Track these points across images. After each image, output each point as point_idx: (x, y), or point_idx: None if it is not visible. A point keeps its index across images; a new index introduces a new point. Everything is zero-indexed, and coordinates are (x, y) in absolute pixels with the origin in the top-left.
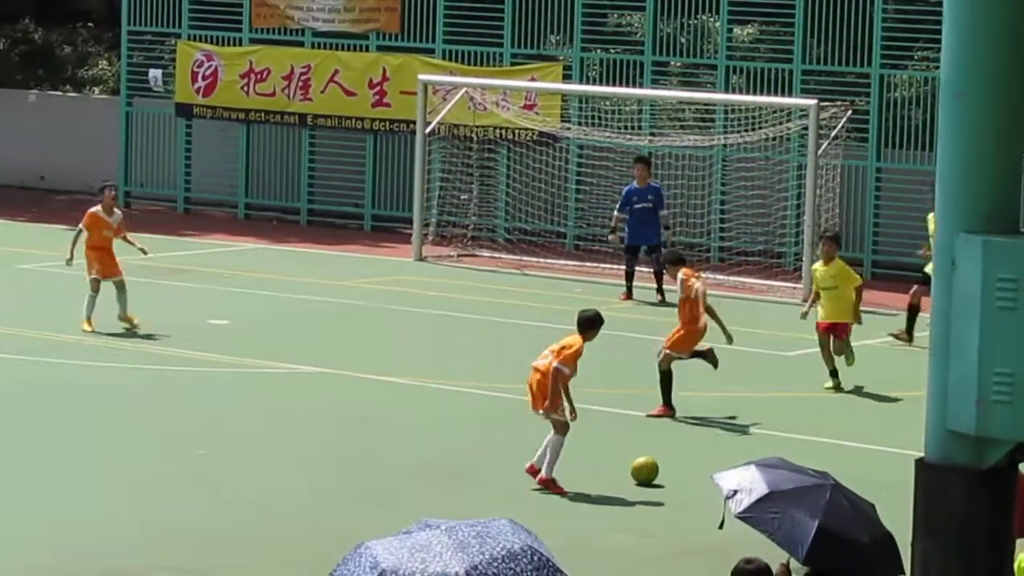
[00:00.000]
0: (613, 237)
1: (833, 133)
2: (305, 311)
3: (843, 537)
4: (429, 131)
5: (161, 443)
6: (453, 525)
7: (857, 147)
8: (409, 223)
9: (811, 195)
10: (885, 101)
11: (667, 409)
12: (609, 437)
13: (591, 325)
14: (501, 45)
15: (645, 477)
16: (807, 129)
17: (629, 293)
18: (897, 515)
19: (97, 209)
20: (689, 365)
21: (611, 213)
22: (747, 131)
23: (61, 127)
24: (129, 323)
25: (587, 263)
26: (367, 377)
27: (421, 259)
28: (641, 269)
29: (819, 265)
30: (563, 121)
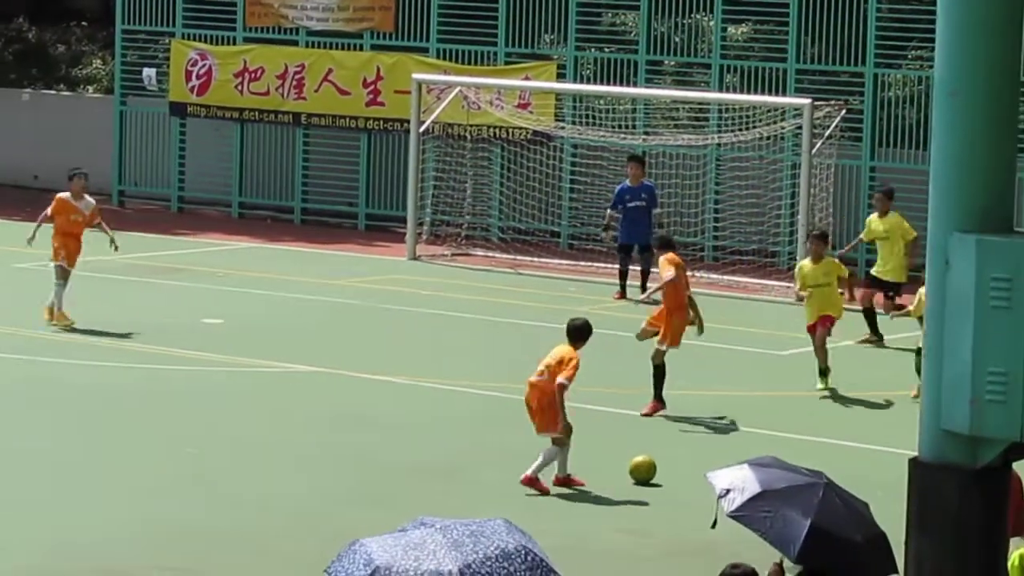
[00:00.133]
0: (606, 235)
1: (827, 132)
2: (299, 310)
3: (836, 536)
4: (423, 130)
5: (156, 442)
6: (448, 524)
7: (851, 146)
8: (403, 222)
9: (805, 194)
10: (879, 100)
11: (658, 404)
12: (604, 437)
13: (583, 334)
14: (495, 44)
15: (643, 476)
16: (801, 128)
17: (623, 292)
18: (891, 514)
19: (65, 195)
20: (684, 365)
21: (605, 212)
22: (741, 130)
23: (55, 126)
24: (51, 316)
25: (581, 262)
26: (361, 376)
27: (415, 258)
28: (633, 268)
29: (807, 263)
30: (557, 120)
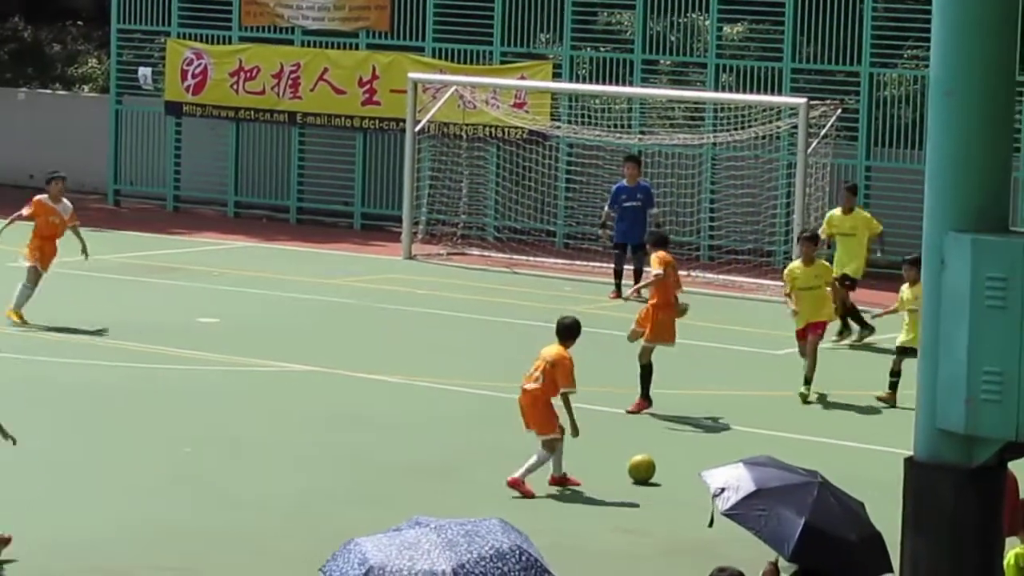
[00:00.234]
0: (603, 232)
1: (823, 132)
2: (295, 309)
3: (830, 535)
4: (419, 129)
5: (151, 442)
6: (443, 524)
7: (846, 146)
8: (399, 221)
9: (800, 194)
10: (874, 100)
11: (644, 402)
12: (599, 436)
13: (573, 333)
14: (491, 43)
15: (643, 475)
16: (796, 128)
17: (618, 292)
18: (887, 513)
19: (44, 197)
20: (679, 364)
21: (600, 212)
22: (737, 129)
23: (51, 125)
24: (18, 319)
25: (577, 262)
26: (357, 376)
27: (411, 257)
28: (627, 267)
29: (797, 265)
30: (553, 119)
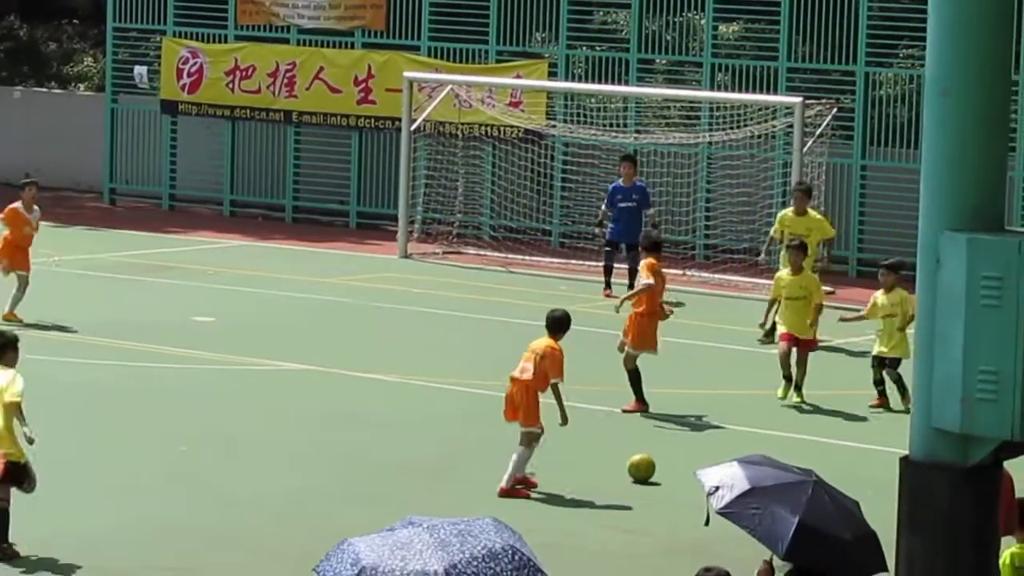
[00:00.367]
0: (600, 230)
1: (818, 131)
2: (290, 308)
3: (824, 534)
4: (414, 128)
5: (147, 440)
6: (436, 523)
7: (842, 145)
8: (394, 220)
9: None
10: (870, 99)
11: (640, 404)
12: (593, 435)
13: (563, 325)
14: (486, 42)
15: (643, 474)
16: (792, 127)
17: (609, 288)
18: (882, 513)
19: (18, 205)
20: (674, 363)
21: (596, 211)
22: (732, 129)
23: (46, 124)
24: (13, 319)
25: (572, 260)
26: (352, 374)
27: (406, 256)
28: (620, 266)
29: (785, 273)
30: (548, 119)
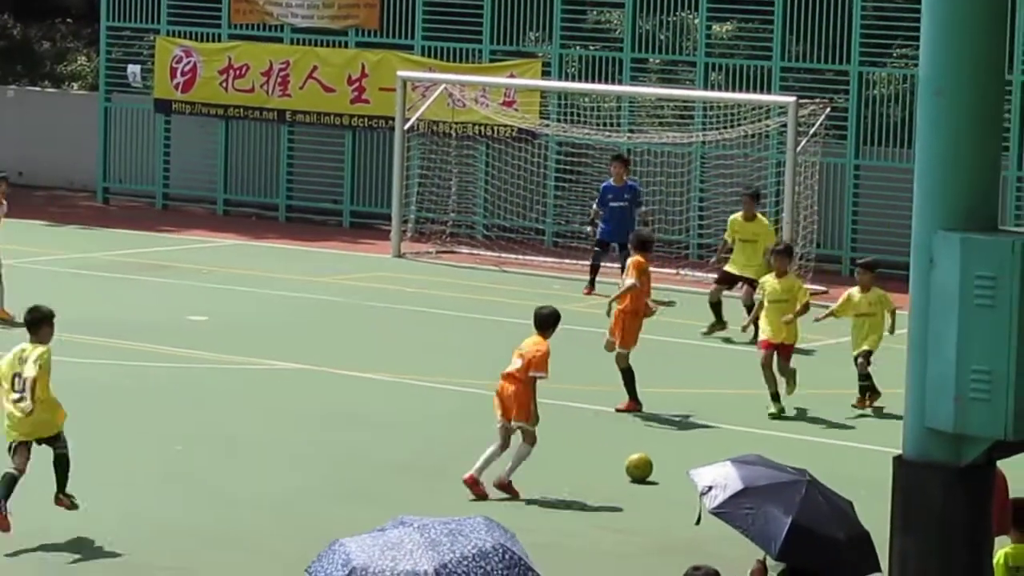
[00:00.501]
0: (591, 229)
1: (812, 130)
2: (284, 308)
3: (817, 534)
4: (408, 127)
5: (141, 439)
6: (426, 523)
7: (836, 144)
8: (388, 219)
9: (790, 192)
10: (864, 98)
11: (634, 404)
12: (585, 434)
13: (552, 322)
14: (480, 42)
15: (642, 474)
16: (786, 126)
17: (591, 287)
18: (875, 512)
19: None
20: (667, 362)
21: (589, 210)
22: (726, 128)
23: (40, 123)
24: (5, 316)
25: (565, 260)
26: (346, 374)
27: (400, 256)
28: (613, 266)
29: (770, 278)
30: (542, 118)
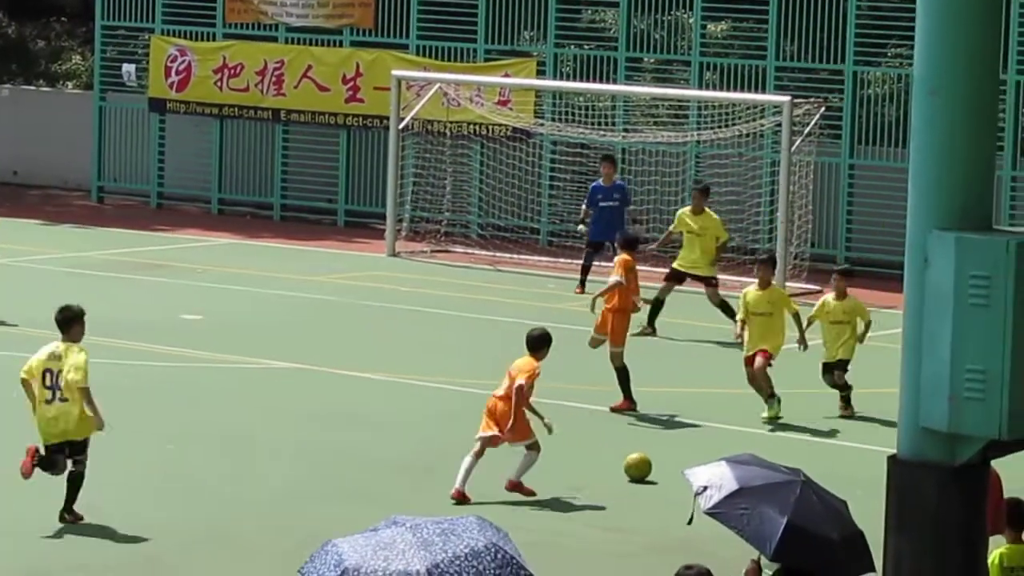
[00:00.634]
0: (582, 228)
1: (806, 130)
2: (278, 306)
3: (812, 534)
4: (402, 127)
5: (135, 438)
6: (419, 523)
7: (830, 144)
8: (382, 219)
9: (784, 192)
10: (858, 98)
11: (629, 403)
12: (580, 434)
13: (543, 344)
14: (475, 41)
15: (641, 473)
16: (780, 126)
17: (582, 287)
18: (870, 512)
19: None
20: (662, 361)
21: (581, 208)
22: (721, 127)
23: (34, 121)
24: None
25: (560, 259)
26: (340, 373)
27: (394, 255)
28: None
29: (751, 289)
30: (537, 117)
